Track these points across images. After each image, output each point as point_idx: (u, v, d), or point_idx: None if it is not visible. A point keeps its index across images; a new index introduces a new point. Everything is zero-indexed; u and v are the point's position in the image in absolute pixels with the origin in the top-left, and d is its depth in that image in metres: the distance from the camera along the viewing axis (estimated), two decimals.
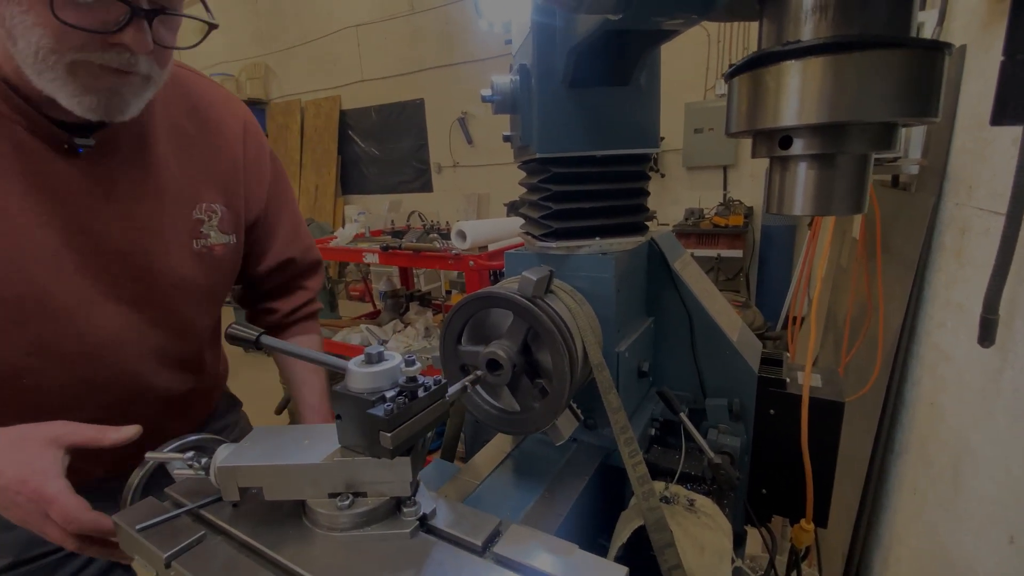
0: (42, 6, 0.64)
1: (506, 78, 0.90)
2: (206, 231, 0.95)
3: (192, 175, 0.93)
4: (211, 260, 0.96)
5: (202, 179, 0.95)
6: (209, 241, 0.95)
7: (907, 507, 1.36)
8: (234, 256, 1.02)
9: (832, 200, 0.38)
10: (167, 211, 0.90)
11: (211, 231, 0.95)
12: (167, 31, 0.77)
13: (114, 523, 0.63)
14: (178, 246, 0.91)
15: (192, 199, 0.93)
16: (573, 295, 0.87)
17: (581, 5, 0.40)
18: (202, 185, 0.94)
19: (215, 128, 0.98)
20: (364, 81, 7.38)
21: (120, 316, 0.87)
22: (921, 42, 0.32)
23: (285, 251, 1.13)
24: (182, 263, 0.92)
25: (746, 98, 0.37)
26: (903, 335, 1.45)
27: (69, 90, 0.71)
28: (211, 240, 0.95)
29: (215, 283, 0.99)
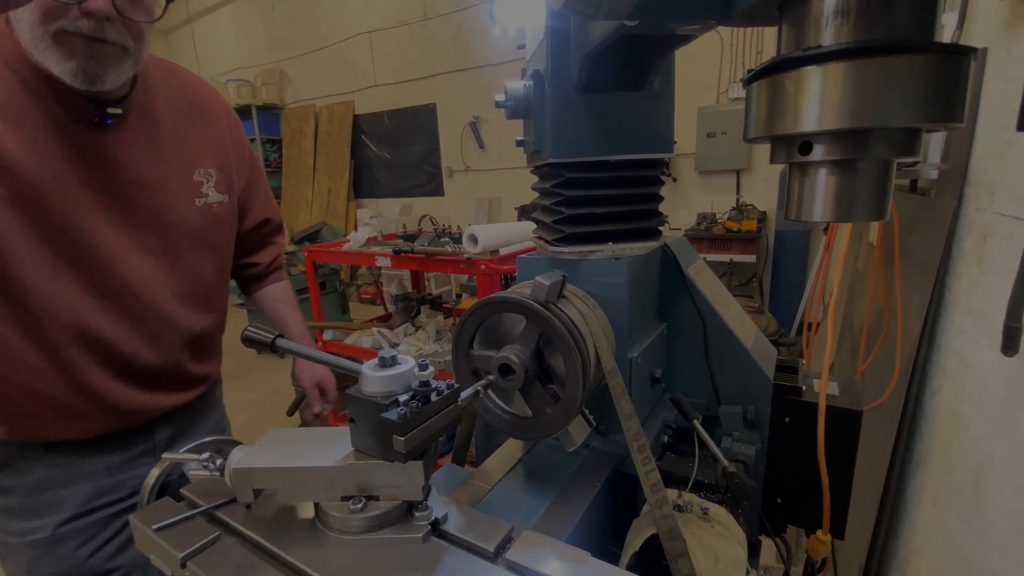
0: None
1: (520, 84, 0.90)
2: (205, 191, 1.12)
3: (191, 145, 1.10)
4: (211, 215, 1.14)
5: (199, 149, 1.12)
6: (208, 199, 1.13)
7: (926, 519, 1.33)
8: (228, 213, 1.20)
9: (853, 206, 0.37)
10: (174, 174, 1.06)
11: (209, 191, 1.13)
12: (132, 5, 0.87)
13: (131, 523, 0.64)
14: (185, 203, 1.08)
15: (193, 164, 1.10)
16: (586, 300, 0.86)
17: (598, 11, 0.40)
18: (199, 153, 1.12)
19: (205, 109, 1.15)
20: (377, 86, 7.44)
21: (148, 263, 1.03)
22: (945, 47, 0.31)
23: (263, 212, 1.36)
24: (189, 217, 1.09)
25: (765, 104, 0.37)
26: (922, 342, 1.42)
27: (55, 58, 0.83)
28: (210, 199, 1.13)
29: (215, 234, 1.17)
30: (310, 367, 1.46)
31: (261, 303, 1.47)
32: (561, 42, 0.81)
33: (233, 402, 1.47)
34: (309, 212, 8.08)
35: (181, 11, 9.40)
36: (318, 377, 1.46)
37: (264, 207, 1.37)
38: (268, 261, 1.44)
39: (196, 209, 1.11)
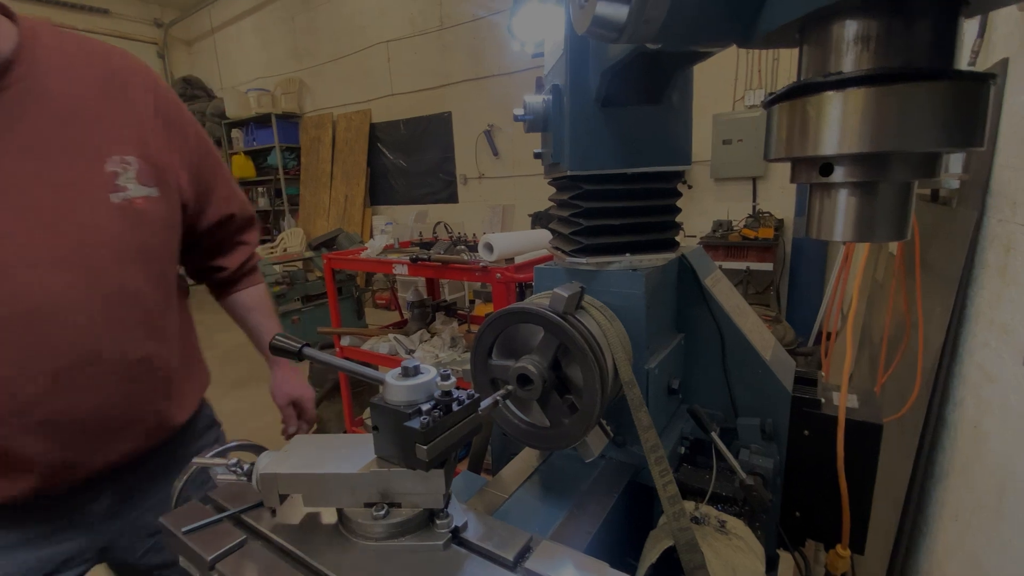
0: None
1: (538, 98, 0.91)
2: (123, 183, 0.93)
3: (101, 129, 0.93)
4: (134, 214, 0.94)
5: (113, 132, 0.94)
6: (129, 194, 0.93)
7: (948, 534, 1.31)
8: (162, 210, 0.99)
9: (874, 227, 0.38)
10: (77, 165, 0.89)
11: (129, 183, 0.93)
12: None
13: (161, 525, 0.66)
14: (96, 200, 0.90)
15: (103, 152, 0.92)
16: (603, 311, 0.87)
17: (621, 37, 0.41)
18: (113, 138, 0.94)
19: (122, 86, 0.97)
20: (394, 95, 7.54)
21: (56, 278, 0.84)
22: (965, 74, 0.32)
23: (225, 207, 1.16)
24: (104, 218, 0.90)
25: (786, 126, 0.38)
26: (944, 354, 1.40)
27: None
28: (130, 193, 0.93)
29: (146, 238, 0.96)
30: (285, 383, 1.31)
31: (232, 311, 1.31)
32: (580, 58, 0.83)
33: (250, 406, 1.47)
34: (326, 219, 8.19)
35: (204, 23, 9.64)
36: (294, 395, 1.31)
37: (226, 200, 1.17)
38: (237, 264, 1.25)
39: (114, 207, 0.91)
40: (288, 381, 1.30)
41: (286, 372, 1.34)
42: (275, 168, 8.66)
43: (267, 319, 1.31)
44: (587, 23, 0.44)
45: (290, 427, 1.37)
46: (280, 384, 1.30)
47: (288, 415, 1.36)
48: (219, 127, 9.13)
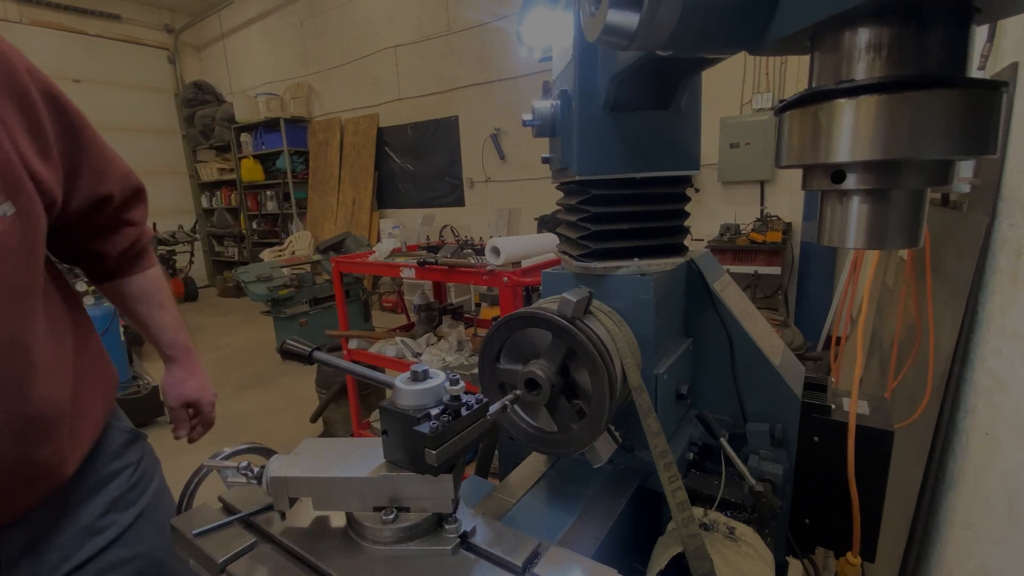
0: None
1: (547, 103, 0.92)
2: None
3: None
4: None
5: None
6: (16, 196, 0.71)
7: (959, 542, 1.29)
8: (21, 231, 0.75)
9: (886, 234, 0.38)
10: None
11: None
12: None
13: (171, 527, 0.66)
14: None
15: None
16: (612, 316, 0.87)
17: (631, 44, 0.42)
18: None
19: None
20: (401, 99, 7.59)
21: None
22: (977, 82, 0.32)
23: (97, 188, 0.93)
24: None
25: (797, 133, 0.38)
26: (955, 360, 1.39)
27: None
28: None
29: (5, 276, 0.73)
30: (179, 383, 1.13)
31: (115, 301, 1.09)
32: (589, 63, 0.83)
33: (258, 409, 1.41)
34: (334, 222, 8.24)
35: (214, 28, 9.74)
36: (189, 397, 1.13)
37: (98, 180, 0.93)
38: (119, 252, 1.03)
39: None
40: (183, 382, 1.12)
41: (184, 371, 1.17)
42: (283, 172, 8.72)
43: (157, 312, 1.10)
44: (598, 31, 0.44)
45: (179, 431, 1.19)
46: (173, 384, 1.12)
47: (179, 417, 1.18)
48: (228, 131, 9.22)
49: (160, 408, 4.23)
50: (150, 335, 1.13)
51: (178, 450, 1.27)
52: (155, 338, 1.13)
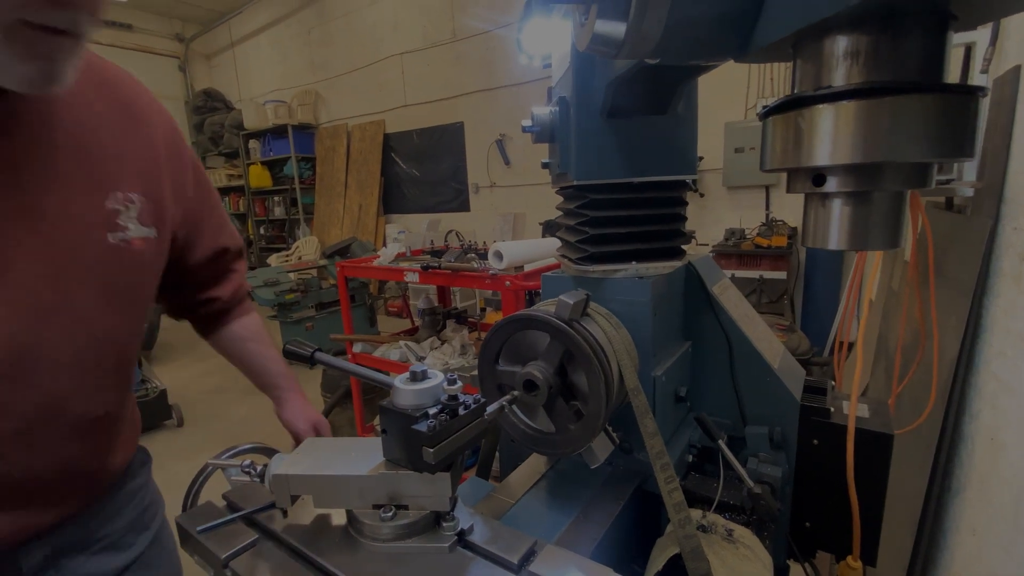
0: None
1: (546, 110, 0.93)
2: (123, 222, 0.83)
3: (107, 162, 0.82)
4: (130, 256, 0.84)
5: (118, 167, 0.84)
6: (128, 234, 0.83)
7: (965, 548, 1.28)
8: (155, 252, 0.90)
9: (868, 235, 0.38)
10: (77, 200, 0.78)
11: (129, 223, 0.84)
12: None
13: (177, 524, 0.67)
14: (91, 240, 0.79)
15: (105, 187, 0.82)
16: (609, 319, 0.88)
17: (620, 53, 0.43)
18: (118, 173, 0.84)
19: (136, 119, 0.89)
20: (407, 106, 7.65)
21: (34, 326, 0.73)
22: (954, 87, 0.32)
23: (218, 241, 1.09)
24: (97, 259, 0.80)
25: (780, 138, 0.39)
26: (960, 365, 1.38)
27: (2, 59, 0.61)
28: (130, 233, 0.84)
29: (136, 283, 0.87)
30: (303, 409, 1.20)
31: (226, 344, 1.18)
32: (586, 70, 0.85)
33: (264, 412, 1.37)
34: (340, 227, 8.30)
35: (224, 37, 9.88)
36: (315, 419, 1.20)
37: (217, 234, 1.09)
38: (229, 295, 1.15)
39: (108, 248, 0.81)
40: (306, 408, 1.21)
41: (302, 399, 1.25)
42: (291, 178, 8.80)
43: (267, 348, 1.20)
44: (587, 40, 0.46)
45: None
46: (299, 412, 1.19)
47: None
48: (237, 138, 9.33)
49: (167, 412, 4.27)
50: (264, 370, 1.19)
51: (189, 452, 1.28)
52: (267, 372, 1.19)
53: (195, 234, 1.03)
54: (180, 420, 4.31)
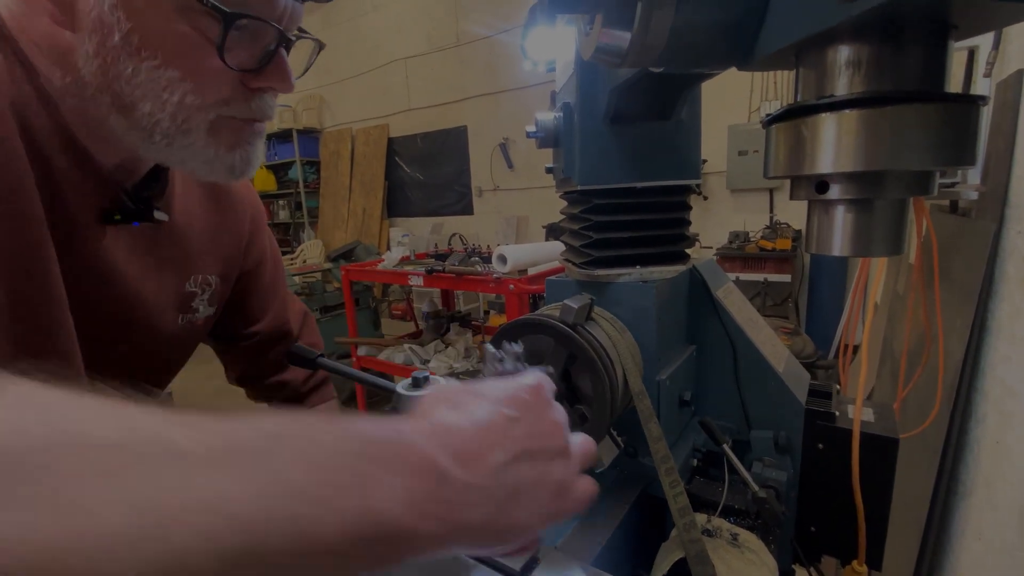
0: (199, 53, 0.55)
1: (550, 115, 0.94)
2: (196, 304, 0.83)
3: (199, 247, 0.82)
4: (190, 333, 0.85)
5: (205, 250, 0.84)
6: (197, 315, 0.84)
7: (971, 553, 1.28)
8: (206, 327, 0.90)
9: (870, 242, 0.39)
10: (164, 283, 0.77)
11: (201, 305, 0.84)
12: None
13: None
14: (165, 321, 0.78)
15: (190, 270, 0.81)
16: (613, 323, 0.88)
17: (624, 62, 0.43)
18: (203, 256, 0.84)
19: (229, 199, 0.89)
20: (411, 110, 7.68)
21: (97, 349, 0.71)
22: (955, 96, 0.33)
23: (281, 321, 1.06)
24: (163, 339, 0.79)
25: (783, 146, 0.39)
26: (965, 368, 1.38)
27: (209, 154, 0.61)
28: (199, 314, 0.84)
29: (182, 356, 0.89)
30: None
31: None
32: (590, 77, 0.85)
33: None
34: (345, 231, 8.33)
35: None
36: None
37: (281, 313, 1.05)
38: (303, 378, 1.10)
39: (176, 327, 0.81)
40: None
41: None
42: (295, 182, 8.84)
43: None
44: (591, 50, 0.46)
45: None
46: None
47: None
48: None
49: None
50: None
51: None
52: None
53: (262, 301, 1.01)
54: None
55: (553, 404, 0.45)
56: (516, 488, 0.37)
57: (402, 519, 0.32)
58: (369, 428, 0.34)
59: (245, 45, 0.58)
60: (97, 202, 0.64)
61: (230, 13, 0.54)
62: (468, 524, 0.35)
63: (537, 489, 0.38)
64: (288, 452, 0.31)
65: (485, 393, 0.41)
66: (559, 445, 0.41)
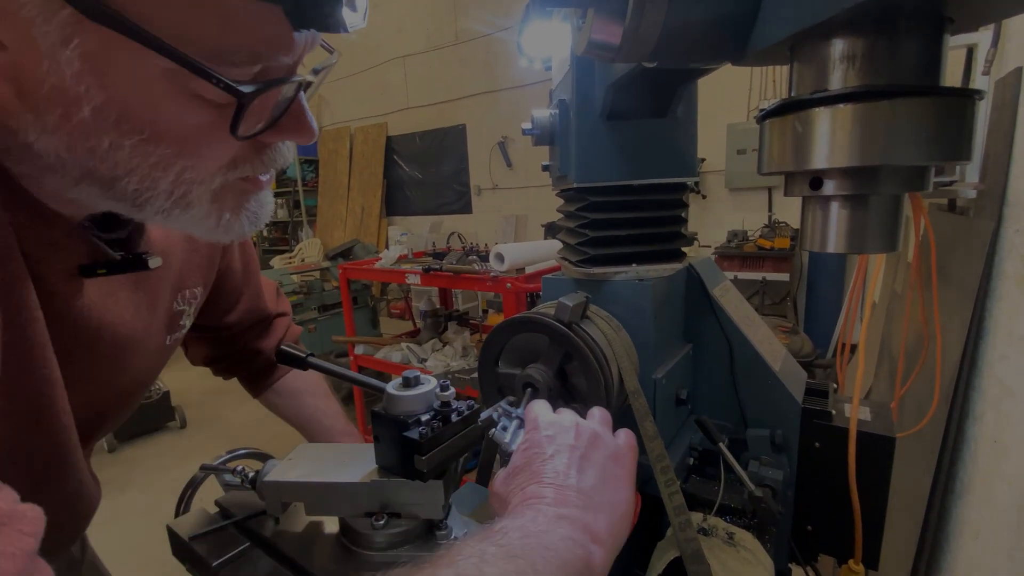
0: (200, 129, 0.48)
1: (545, 112, 0.93)
2: (184, 321, 0.81)
3: (179, 264, 0.78)
4: (169, 348, 0.81)
5: (188, 265, 0.80)
6: (181, 332, 0.81)
7: (968, 552, 1.27)
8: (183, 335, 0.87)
9: (865, 239, 0.38)
10: (155, 314, 0.73)
11: (187, 320, 0.81)
12: None
13: (168, 530, 0.67)
14: (155, 346, 0.75)
15: (176, 290, 0.78)
16: (609, 321, 0.87)
17: (617, 56, 0.42)
18: (187, 271, 0.80)
19: None
20: (410, 108, 7.66)
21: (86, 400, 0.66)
22: (950, 90, 0.32)
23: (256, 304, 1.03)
24: (153, 363, 0.77)
25: (777, 141, 0.38)
26: (963, 367, 1.37)
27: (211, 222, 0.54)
28: (185, 327, 0.81)
29: (163, 365, 0.84)
30: None
31: (279, 401, 1.09)
32: (585, 73, 0.84)
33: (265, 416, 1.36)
34: (343, 229, 8.31)
35: None
36: None
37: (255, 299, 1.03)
38: (276, 342, 1.06)
39: (162, 347, 0.77)
40: None
41: None
42: (294, 180, 8.83)
43: (326, 402, 1.09)
44: (585, 44, 0.45)
45: None
46: None
47: None
48: None
49: (170, 414, 4.28)
50: (322, 428, 1.10)
51: (192, 454, 1.27)
52: (326, 431, 1.10)
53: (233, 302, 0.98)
54: (183, 422, 4.32)
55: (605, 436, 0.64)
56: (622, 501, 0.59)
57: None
58: (565, 548, 0.48)
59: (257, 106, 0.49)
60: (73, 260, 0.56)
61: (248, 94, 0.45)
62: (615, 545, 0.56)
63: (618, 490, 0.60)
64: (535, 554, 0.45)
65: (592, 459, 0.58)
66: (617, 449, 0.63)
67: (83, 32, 0.41)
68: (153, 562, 2.17)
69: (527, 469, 0.53)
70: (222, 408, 4.69)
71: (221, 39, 0.43)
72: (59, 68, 0.42)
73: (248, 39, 0.45)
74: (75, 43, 0.41)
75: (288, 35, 0.47)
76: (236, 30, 0.44)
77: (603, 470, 0.57)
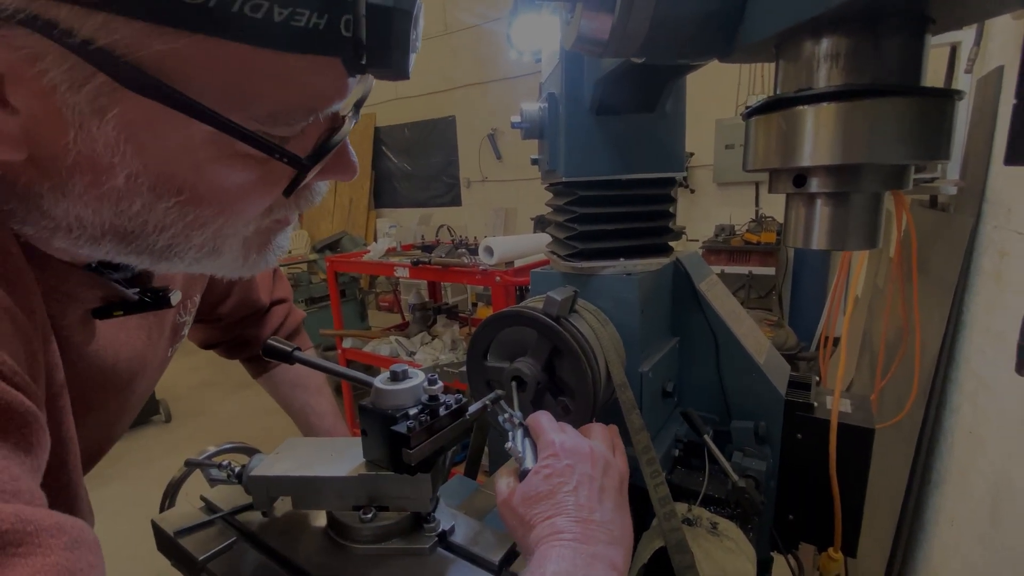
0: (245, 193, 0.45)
1: (535, 106, 0.93)
2: (185, 331, 0.80)
3: (181, 278, 0.74)
4: (172, 356, 0.79)
5: (190, 279, 0.78)
6: (181, 341, 0.80)
7: (944, 539, 1.31)
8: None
9: (846, 236, 0.39)
10: (162, 333, 0.71)
11: (187, 329, 0.80)
12: None
13: (153, 525, 0.67)
14: (158, 362, 0.73)
15: (180, 305, 0.75)
16: (597, 315, 0.88)
17: (606, 52, 0.43)
18: (189, 284, 0.78)
19: None
20: (399, 99, 7.59)
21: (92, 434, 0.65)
22: (931, 90, 0.33)
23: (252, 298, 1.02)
24: (155, 376, 0.75)
25: (763, 138, 0.39)
26: (941, 360, 1.40)
27: (237, 264, 0.52)
28: (183, 339, 0.80)
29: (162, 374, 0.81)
30: None
31: (273, 389, 1.10)
32: (575, 67, 0.84)
33: (252, 410, 1.36)
34: (331, 222, 8.24)
35: None
36: None
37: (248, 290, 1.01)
38: (271, 330, 1.07)
39: (166, 357, 0.76)
40: None
41: None
42: None
43: (315, 397, 1.08)
44: (573, 38, 0.45)
45: None
46: None
47: None
48: None
49: (155, 407, 4.23)
50: (308, 422, 1.10)
51: (177, 448, 1.26)
52: (312, 428, 1.10)
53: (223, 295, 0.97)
54: (168, 416, 4.28)
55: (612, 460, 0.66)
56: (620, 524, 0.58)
57: None
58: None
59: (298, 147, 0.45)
60: (86, 306, 0.53)
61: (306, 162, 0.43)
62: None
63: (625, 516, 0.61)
64: None
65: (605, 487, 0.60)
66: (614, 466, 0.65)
67: (119, 102, 0.36)
68: (138, 557, 2.15)
69: (551, 498, 0.54)
70: (207, 402, 4.65)
71: (276, 103, 0.40)
72: (90, 139, 0.37)
73: (303, 97, 0.41)
74: (111, 115, 0.37)
75: (343, 83, 0.43)
76: (292, 91, 0.40)
77: (616, 498, 0.60)
